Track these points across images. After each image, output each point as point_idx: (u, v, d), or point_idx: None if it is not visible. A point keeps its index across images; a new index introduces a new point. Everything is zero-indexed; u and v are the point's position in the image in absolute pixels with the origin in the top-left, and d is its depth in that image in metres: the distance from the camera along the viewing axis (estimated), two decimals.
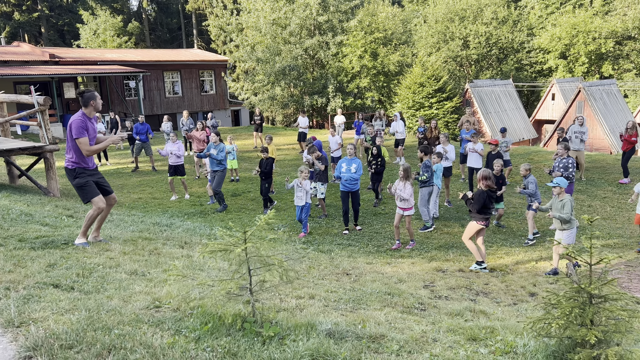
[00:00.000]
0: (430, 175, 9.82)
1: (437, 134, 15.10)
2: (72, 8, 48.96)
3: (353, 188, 9.64)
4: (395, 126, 16.82)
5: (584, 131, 13.54)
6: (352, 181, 9.60)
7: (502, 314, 5.05)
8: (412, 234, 8.97)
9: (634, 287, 6.87)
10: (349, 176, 9.56)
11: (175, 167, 12.14)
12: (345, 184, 9.65)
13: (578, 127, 13.60)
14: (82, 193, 5.81)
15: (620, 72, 39.15)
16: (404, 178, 8.76)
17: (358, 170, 9.62)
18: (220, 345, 3.15)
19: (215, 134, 11.68)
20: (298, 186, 9.41)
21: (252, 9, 30.86)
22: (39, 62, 25.50)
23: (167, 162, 12.40)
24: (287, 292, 4.94)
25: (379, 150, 11.68)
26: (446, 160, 11.43)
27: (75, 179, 5.72)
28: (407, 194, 8.65)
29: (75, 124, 5.55)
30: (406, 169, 8.79)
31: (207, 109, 32.73)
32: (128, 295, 4.06)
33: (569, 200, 7.45)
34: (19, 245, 5.39)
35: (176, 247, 6.65)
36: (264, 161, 11.13)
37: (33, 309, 3.45)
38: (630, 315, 3.17)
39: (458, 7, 40.04)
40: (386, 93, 31.49)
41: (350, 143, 10.17)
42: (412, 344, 3.75)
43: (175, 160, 12.10)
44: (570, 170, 9.92)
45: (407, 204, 8.69)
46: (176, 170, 12.19)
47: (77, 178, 5.72)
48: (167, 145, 12.43)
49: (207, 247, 3.35)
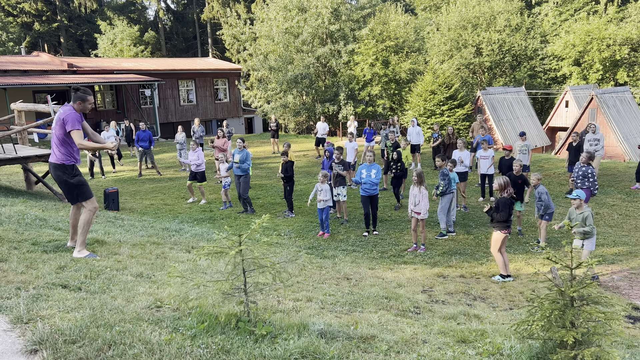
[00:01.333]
0: (447, 183, 9.91)
1: (455, 140, 15.21)
2: (91, 18, 50.04)
3: (373, 193, 10.05)
4: (412, 132, 16.86)
5: (598, 138, 13.55)
6: (372, 186, 9.99)
7: (496, 318, 5.16)
8: (424, 238, 9.21)
9: (634, 294, 6.91)
10: (369, 181, 9.95)
11: (195, 173, 12.65)
12: (366, 189, 10.03)
13: (592, 135, 13.61)
14: (79, 192, 5.53)
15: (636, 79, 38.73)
16: (418, 183, 9.03)
17: (377, 175, 10.01)
18: (214, 342, 3.33)
19: (242, 140, 11.98)
20: (319, 191, 9.90)
21: (265, 19, 31.30)
22: (58, 71, 26.17)
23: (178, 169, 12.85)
24: (285, 294, 5.11)
25: (399, 155, 12.00)
26: (461, 165, 11.71)
27: (74, 176, 5.47)
28: (422, 199, 8.92)
29: (71, 117, 5.30)
30: (419, 174, 9.07)
31: (221, 116, 33.18)
32: (132, 295, 4.26)
33: (589, 213, 7.41)
34: (32, 249, 5.64)
35: (183, 251, 6.86)
36: (284, 165, 11.50)
37: (41, 307, 3.68)
38: (607, 317, 3.27)
39: (471, 14, 40.05)
40: (397, 101, 31.61)
41: (370, 150, 10.52)
42: (401, 344, 3.88)
43: (195, 167, 12.59)
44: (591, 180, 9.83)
45: (421, 209, 8.96)
46: (195, 176, 12.69)
47: (77, 176, 5.49)
48: (189, 155, 12.93)
49: (203, 250, 3.54)
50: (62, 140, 5.38)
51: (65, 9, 48.36)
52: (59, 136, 5.37)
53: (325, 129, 19.71)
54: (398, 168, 11.88)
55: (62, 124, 5.33)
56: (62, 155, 5.42)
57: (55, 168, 5.46)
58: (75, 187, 5.51)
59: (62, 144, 5.39)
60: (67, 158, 5.44)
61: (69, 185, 5.49)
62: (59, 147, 5.41)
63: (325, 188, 9.94)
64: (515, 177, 9.87)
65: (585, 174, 9.98)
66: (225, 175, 12.21)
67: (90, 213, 5.56)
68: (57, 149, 5.42)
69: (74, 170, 5.48)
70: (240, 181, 11.69)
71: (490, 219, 7.74)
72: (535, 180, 9.29)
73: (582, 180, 10.08)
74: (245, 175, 11.67)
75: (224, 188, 12.26)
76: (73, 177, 5.48)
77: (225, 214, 11.72)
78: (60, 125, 5.35)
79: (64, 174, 5.44)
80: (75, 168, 5.51)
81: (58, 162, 5.43)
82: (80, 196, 5.54)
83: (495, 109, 30.99)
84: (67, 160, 5.43)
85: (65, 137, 5.37)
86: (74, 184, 5.49)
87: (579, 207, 7.53)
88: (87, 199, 5.56)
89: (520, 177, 9.92)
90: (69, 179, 5.46)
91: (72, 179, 5.47)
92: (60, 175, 5.46)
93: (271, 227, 10.51)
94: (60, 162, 5.42)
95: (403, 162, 12.16)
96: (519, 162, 10.08)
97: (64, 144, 5.40)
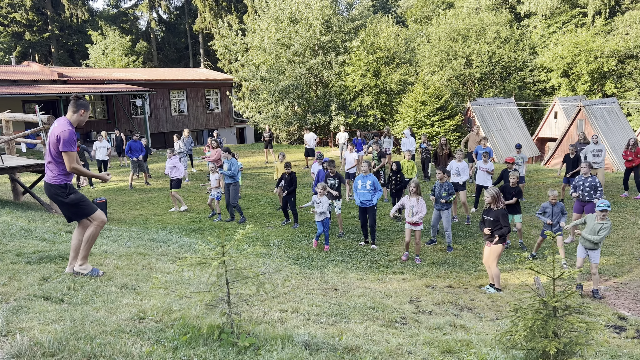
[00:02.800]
0: (447, 195, 9.70)
1: (447, 152, 15.25)
2: (82, 28, 49.99)
3: (368, 205, 9.76)
4: (406, 143, 16.93)
5: (600, 149, 13.64)
6: (366, 197, 9.73)
7: (482, 328, 5.16)
8: (419, 249, 9.11)
9: (621, 304, 6.94)
10: (362, 194, 9.74)
11: (172, 180, 12.92)
12: (361, 201, 9.80)
13: (594, 145, 13.70)
14: (78, 210, 5.12)
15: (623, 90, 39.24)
16: (416, 193, 8.90)
17: (376, 186, 9.75)
18: (196, 354, 3.30)
19: (225, 150, 12.16)
20: (317, 202, 9.66)
21: (257, 29, 31.44)
22: (48, 81, 26.07)
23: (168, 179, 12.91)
24: (271, 305, 5.09)
25: (398, 166, 11.87)
26: (458, 176, 11.54)
27: (69, 195, 5.05)
28: (420, 209, 8.82)
29: (65, 135, 4.88)
30: (417, 184, 8.93)
31: (213, 127, 33.17)
32: (115, 307, 4.22)
33: (609, 226, 7.30)
34: (16, 260, 5.58)
35: (169, 262, 6.81)
36: (287, 176, 11.41)
37: (21, 319, 3.63)
38: (589, 327, 3.29)
39: (461, 26, 40.52)
40: (388, 111, 31.79)
41: (366, 160, 10.36)
42: (386, 355, 3.87)
43: (172, 175, 12.88)
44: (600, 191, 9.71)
45: (419, 220, 8.86)
46: (171, 184, 12.95)
47: (72, 194, 5.08)
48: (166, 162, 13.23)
49: (186, 261, 3.52)
50: (55, 157, 4.98)
51: (57, 19, 48.30)
52: (52, 153, 4.97)
53: (312, 139, 19.84)
54: (398, 180, 11.78)
55: (56, 142, 4.92)
56: (54, 175, 5.01)
57: (49, 187, 5.07)
58: (72, 207, 5.10)
59: (55, 161, 4.99)
60: (60, 177, 5.02)
61: (65, 205, 5.09)
62: (52, 164, 5.01)
63: (324, 200, 9.66)
64: (512, 189, 9.83)
65: (594, 186, 9.72)
66: (216, 186, 12.19)
67: (98, 227, 5.19)
68: (50, 165, 5.03)
69: (67, 189, 5.06)
70: (229, 189, 11.75)
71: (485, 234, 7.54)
72: (554, 198, 8.90)
73: (594, 192, 9.73)
74: (234, 184, 11.74)
75: (216, 199, 12.24)
76: (67, 195, 5.06)
77: (214, 224, 11.67)
78: (52, 142, 4.94)
79: (57, 194, 5.05)
80: (69, 187, 5.08)
81: (49, 181, 5.04)
82: (82, 214, 5.14)
83: (485, 119, 31.25)
84: (59, 179, 5.01)
85: (57, 154, 4.97)
86: (69, 204, 5.08)
87: (603, 218, 7.33)
88: (91, 213, 5.15)
89: (516, 189, 9.86)
90: (64, 199, 5.05)
91: (66, 198, 5.05)
92: (54, 195, 5.08)
93: (260, 238, 10.48)
94: (52, 181, 5.02)
95: (403, 174, 12.10)
96: (515, 174, 10.00)
97: (57, 161, 4.99)
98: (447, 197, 9.66)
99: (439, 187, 9.79)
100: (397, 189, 11.98)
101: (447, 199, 9.66)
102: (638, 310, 6.73)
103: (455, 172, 11.58)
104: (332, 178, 10.84)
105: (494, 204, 7.51)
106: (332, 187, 10.68)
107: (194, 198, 14.67)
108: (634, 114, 38.16)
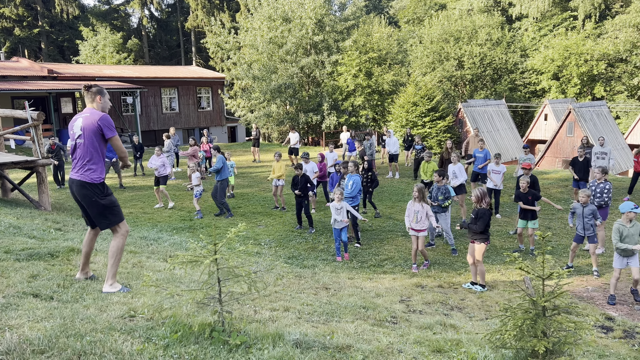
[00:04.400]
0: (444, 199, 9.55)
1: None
2: (73, 24, 49.59)
3: (350, 203, 9.56)
4: (389, 142, 17.11)
5: (605, 152, 13.50)
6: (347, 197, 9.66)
7: (472, 327, 5.20)
8: (425, 254, 8.77)
9: (609, 305, 7.02)
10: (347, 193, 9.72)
11: (158, 178, 13.19)
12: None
13: (599, 147, 13.65)
14: (111, 213, 4.55)
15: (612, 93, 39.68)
16: (419, 199, 8.51)
17: (354, 186, 9.73)
18: (187, 352, 3.29)
19: (215, 149, 12.61)
20: (337, 209, 9.04)
21: (250, 28, 31.40)
22: (38, 77, 25.82)
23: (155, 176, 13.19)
24: (263, 304, 5.09)
25: (369, 164, 11.94)
26: (456, 179, 11.45)
27: (106, 196, 4.51)
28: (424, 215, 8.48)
29: (108, 121, 4.42)
30: (420, 188, 8.54)
31: (204, 125, 33.07)
32: (105, 305, 4.20)
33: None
34: (4, 257, 5.53)
35: (160, 260, 6.79)
36: (300, 178, 10.76)
37: (10, 316, 3.60)
38: (577, 326, 3.33)
39: (453, 28, 40.76)
40: (380, 111, 31.90)
41: (352, 160, 10.29)
42: (377, 354, 3.89)
43: (158, 172, 13.17)
44: (604, 196, 9.58)
45: (423, 226, 8.50)
46: (158, 181, 13.19)
47: (109, 196, 4.54)
48: (153, 159, 13.45)
49: (177, 259, 3.51)
50: (95, 151, 4.44)
51: (47, 14, 47.88)
52: (92, 146, 4.42)
53: (297, 138, 19.94)
54: (369, 178, 11.77)
55: (99, 130, 4.40)
56: (92, 172, 4.45)
57: (83, 186, 4.46)
58: (106, 209, 4.53)
59: (94, 155, 4.43)
60: (98, 175, 4.49)
61: (99, 206, 4.49)
62: (89, 161, 4.44)
63: (344, 206, 9.07)
64: (525, 195, 9.50)
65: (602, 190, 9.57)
66: (197, 184, 12.22)
67: (124, 238, 4.65)
68: (85, 162, 4.46)
69: (105, 189, 4.55)
70: (217, 185, 12.06)
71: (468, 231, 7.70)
72: (585, 198, 8.39)
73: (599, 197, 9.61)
74: (221, 181, 12.01)
75: (195, 197, 12.28)
76: (105, 196, 4.52)
77: (204, 222, 11.64)
78: (94, 132, 4.40)
79: (94, 193, 4.46)
80: (106, 186, 4.58)
81: (87, 179, 4.44)
82: (114, 218, 4.58)
83: (476, 121, 31.44)
84: (98, 178, 4.48)
85: (99, 146, 4.46)
86: (106, 205, 4.52)
87: (632, 220, 7.10)
88: (121, 220, 4.62)
89: (531, 194, 9.48)
90: (100, 199, 4.48)
91: (103, 199, 4.50)
92: (88, 195, 4.47)
93: (251, 236, 10.46)
94: (90, 180, 4.44)
95: (375, 172, 12.17)
96: (525, 179, 9.70)
97: (96, 155, 4.44)
98: (442, 201, 9.52)
99: (436, 190, 9.66)
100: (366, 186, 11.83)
101: (443, 202, 9.52)
102: (625, 311, 6.81)
103: (453, 175, 11.55)
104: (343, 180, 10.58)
105: (478, 203, 7.59)
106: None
107: (185, 196, 14.61)
108: (622, 117, 38.58)
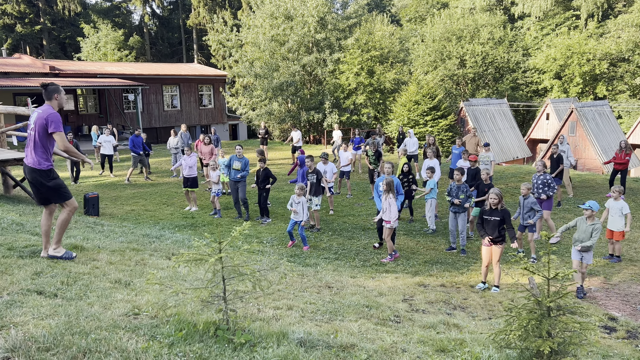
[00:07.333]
0: (466, 198, 9.47)
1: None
2: (75, 21, 49.54)
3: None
4: (409, 142, 16.79)
5: (564, 150, 13.74)
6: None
7: (475, 327, 5.19)
8: (391, 247, 9.05)
9: (611, 305, 7.02)
10: None
11: (188, 179, 12.51)
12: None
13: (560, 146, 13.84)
14: (58, 194, 5.37)
15: (614, 93, 39.61)
16: (387, 191, 8.97)
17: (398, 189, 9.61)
18: (192, 350, 3.29)
19: (240, 147, 12.18)
20: (295, 203, 9.65)
21: (252, 26, 31.34)
22: (39, 74, 25.80)
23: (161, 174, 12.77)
24: (266, 302, 5.09)
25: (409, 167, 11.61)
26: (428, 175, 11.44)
27: (51, 179, 5.30)
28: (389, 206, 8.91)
29: (55, 117, 5.12)
30: (389, 182, 8.97)
31: (205, 122, 33.05)
32: (109, 302, 4.20)
33: (600, 228, 7.32)
34: (8, 254, 5.52)
35: (163, 258, 6.78)
36: (260, 172, 11.50)
37: (15, 313, 3.60)
38: (583, 327, 3.32)
39: (455, 27, 40.67)
40: (382, 110, 31.84)
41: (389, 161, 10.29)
42: (381, 353, 3.89)
43: (187, 172, 12.44)
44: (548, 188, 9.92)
45: (388, 217, 8.91)
46: (187, 182, 12.54)
47: (55, 179, 5.33)
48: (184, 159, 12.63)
49: (182, 257, 3.51)
50: (41, 142, 5.19)
51: (49, 11, 47.83)
52: (39, 137, 5.17)
53: (299, 136, 19.94)
54: (410, 180, 11.46)
55: (44, 124, 5.12)
56: (39, 159, 5.22)
57: (32, 171, 5.26)
58: (53, 190, 5.33)
59: (40, 145, 5.19)
60: (45, 162, 5.25)
61: (46, 188, 5.30)
62: (36, 149, 5.21)
63: (302, 201, 9.65)
64: (485, 186, 9.87)
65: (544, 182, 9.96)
66: (216, 182, 12.18)
67: (70, 213, 5.42)
68: (34, 150, 5.22)
69: (52, 174, 5.30)
70: (238, 186, 11.82)
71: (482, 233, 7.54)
72: (525, 190, 8.95)
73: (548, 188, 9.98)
74: (243, 181, 11.87)
75: (217, 195, 12.18)
76: (51, 179, 5.29)
77: (207, 220, 11.64)
78: (41, 125, 5.14)
79: (41, 177, 5.26)
80: (53, 171, 5.32)
81: (35, 165, 5.22)
82: (60, 198, 5.37)
83: (478, 120, 31.40)
84: (44, 164, 5.24)
85: (45, 138, 5.19)
86: (52, 187, 5.31)
87: (590, 218, 7.39)
88: (68, 199, 5.39)
89: (489, 186, 9.69)
90: (47, 182, 5.28)
91: (49, 182, 5.28)
92: (36, 178, 5.27)
93: (253, 235, 10.46)
94: (38, 166, 5.22)
95: (414, 174, 11.83)
96: (485, 170, 10.07)
97: (43, 146, 5.21)
98: (464, 200, 9.38)
99: (456, 188, 9.50)
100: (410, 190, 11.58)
101: (465, 202, 9.39)
102: (628, 311, 6.81)
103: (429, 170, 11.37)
104: (311, 174, 11.06)
105: (499, 204, 7.51)
106: (312, 184, 10.93)
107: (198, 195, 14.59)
108: (624, 117, 38.52)
